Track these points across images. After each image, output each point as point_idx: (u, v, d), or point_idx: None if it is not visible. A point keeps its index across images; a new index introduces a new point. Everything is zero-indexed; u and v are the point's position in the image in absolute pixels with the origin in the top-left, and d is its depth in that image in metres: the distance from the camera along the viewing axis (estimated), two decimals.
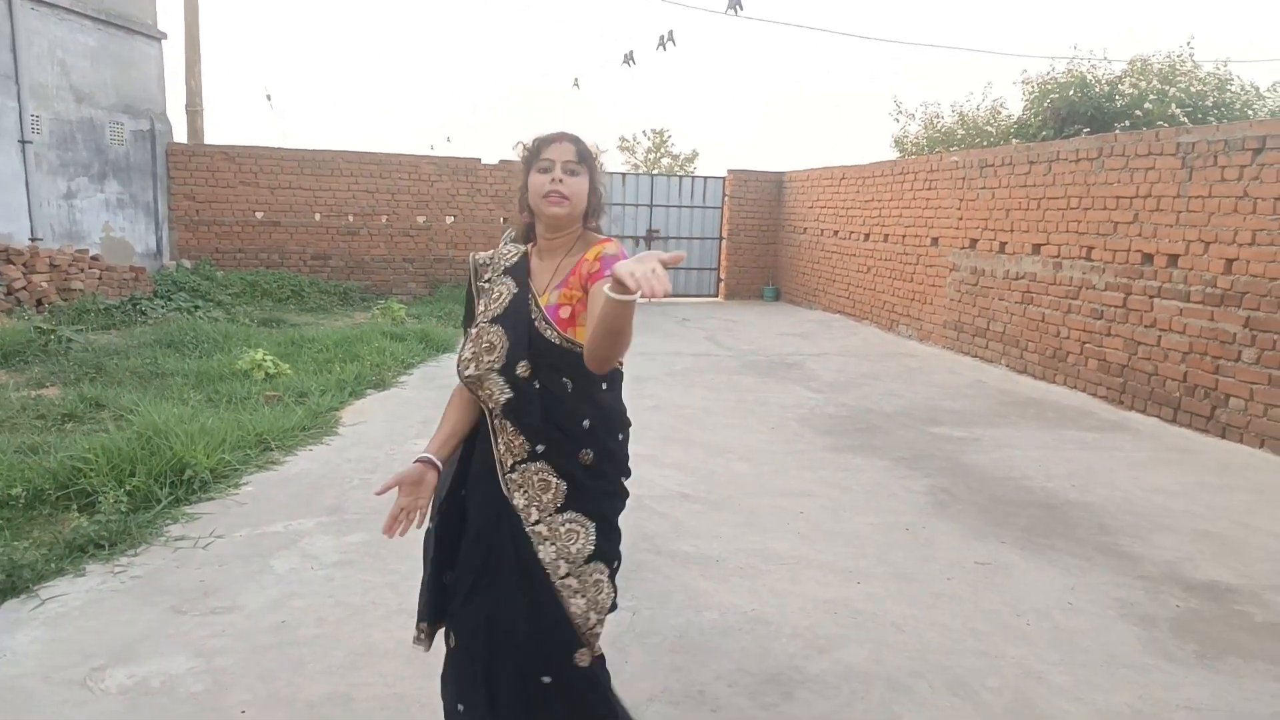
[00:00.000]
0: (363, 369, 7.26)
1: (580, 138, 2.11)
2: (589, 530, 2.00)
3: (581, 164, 2.08)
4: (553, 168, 2.06)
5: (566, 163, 2.06)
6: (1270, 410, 5.83)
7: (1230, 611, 3.43)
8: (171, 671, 2.78)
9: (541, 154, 2.09)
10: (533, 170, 2.09)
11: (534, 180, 2.08)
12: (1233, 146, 6.21)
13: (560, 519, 1.98)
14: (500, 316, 2.05)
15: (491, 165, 13.53)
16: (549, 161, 2.07)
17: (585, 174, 2.08)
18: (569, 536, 1.98)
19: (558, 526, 1.98)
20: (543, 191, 2.05)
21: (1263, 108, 14.50)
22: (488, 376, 2.00)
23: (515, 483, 1.99)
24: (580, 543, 1.99)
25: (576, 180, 2.06)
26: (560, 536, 1.98)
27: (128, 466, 4.31)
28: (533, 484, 1.99)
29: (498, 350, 2.01)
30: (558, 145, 2.08)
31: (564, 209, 2.05)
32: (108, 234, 11.31)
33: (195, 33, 13.53)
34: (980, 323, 9.22)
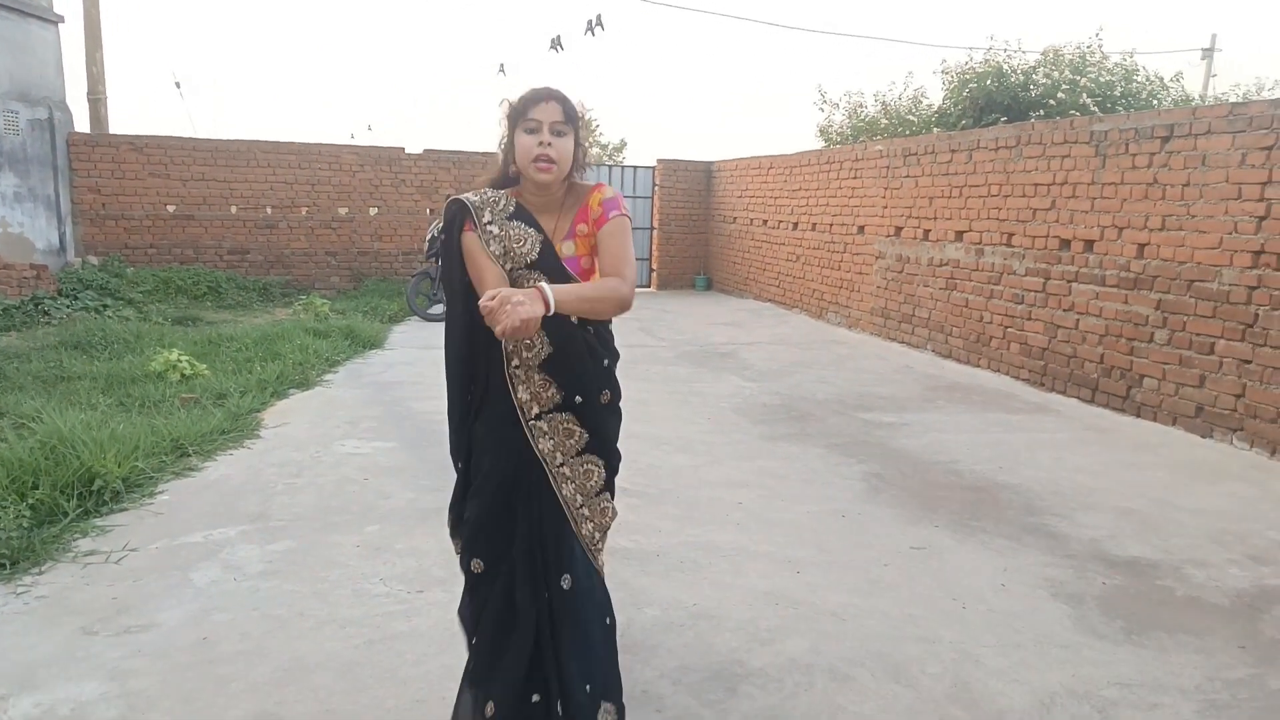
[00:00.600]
0: (285, 368, 7.00)
1: (567, 96, 2.14)
2: (601, 469, 2.27)
3: (568, 124, 2.11)
4: (540, 129, 2.08)
5: (554, 123, 2.09)
6: (1181, 389, 6.08)
7: (1153, 587, 3.55)
8: (82, 698, 2.61)
9: (528, 113, 2.10)
10: (519, 130, 2.11)
11: (521, 141, 2.11)
12: (1143, 135, 6.43)
13: (580, 460, 2.23)
14: (537, 262, 2.13)
15: (416, 155, 13.21)
16: (536, 122, 2.09)
17: (571, 134, 2.12)
18: (586, 475, 2.24)
19: (578, 467, 2.23)
20: (531, 155, 2.09)
21: (1167, 97, 15.13)
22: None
23: (541, 430, 2.18)
24: (595, 479, 2.26)
25: (563, 141, 2.10)
26: (580, 475, 2.23)
27: (30, 478, 4.05)
28: (558, 431, 2.20)
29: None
30: (545, 105, 2.09)
31: (552, 174, 2.10)
32: (4, 230, 10.67)
33: (95, 16, 12.83)
34: (906, 309, 9.40)
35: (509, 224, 2.13)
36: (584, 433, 2.23)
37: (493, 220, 2.13)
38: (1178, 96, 15.44)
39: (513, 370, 2.16)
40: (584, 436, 2.23)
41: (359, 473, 4.77)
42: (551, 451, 2.19)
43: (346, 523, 4.05)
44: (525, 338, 2.01)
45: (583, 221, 2.18)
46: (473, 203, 2.15)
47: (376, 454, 5.12)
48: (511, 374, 2.16)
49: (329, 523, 4.04)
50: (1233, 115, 5.79)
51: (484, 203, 2.15)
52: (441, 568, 3.56)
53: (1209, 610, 3.35)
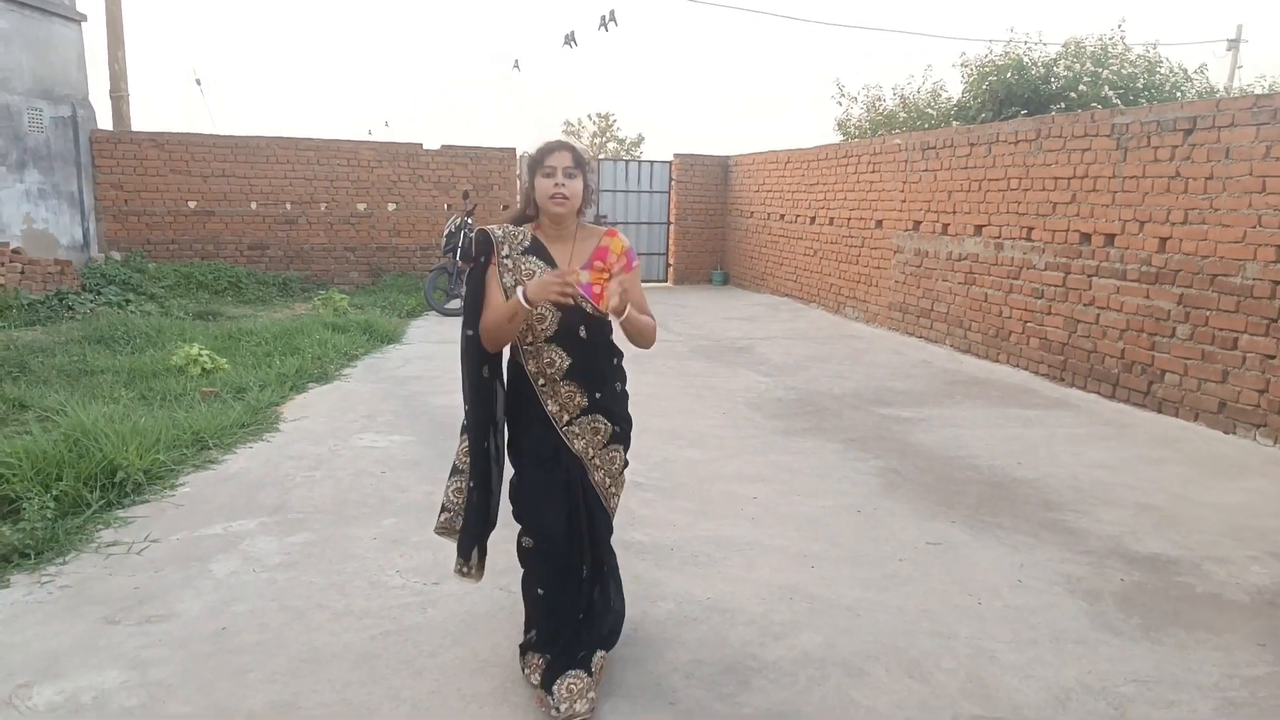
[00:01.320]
0: (304, 362, 7.06)
1: (576, 146, 2.56)
2: (622, 452, 2.73)
3: (578, 168, 2.52)
4: (555, 174, 2.49)
5: (566, 168, 2.49)
6: (1203, 385, 6.01)
7: (1172, 583, 3.51)
8: (104, 686, 2.65)
9: (545, 162, 2.50)
10: (537, 175, 2.51)
11: (540, 184, 2.51)
12: (1165, 127, 6.35)
13: (607, 451, 2.67)
14: None
15: (433, 150, 13.26)
16: (551, 168, 2.49)
17: (580, 176, 2.53)
18: (611, 461, 2.69)
19: (606, 456, 2.67)
20: (549, 194, 2.49)
21: (1190, 89, 14.93)
22: (545, 348, 2.54)
23: (574, 433, 2.61)
24: (618, 462, 2.72)
25: (574, 182, 2.51)
26: (607, 462, 2.68)
27: (54, 470, 4.11)
28: (588, 431, 2.62)
29: (549, 320, 2.52)
30: (558, 154, 2.50)
31: (565, 208, 2.51)
32: (29, 226, 10.81)
33: (117, 14, 12.96)
34: (924, 304, 9.34)
35: (522, 258, 2.54)
36: (609, 426, 2.65)
37: (509, 254, 2.55)
38: (1202, 88, 15.23)
39: (540, 389, 2.57)
40: (610, 430, 2.65)
41: (376, 466, 4.80)
42: (584, 449, 2.62)
43: (364, 515, 4.09)
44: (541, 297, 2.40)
45: (600, 259, 2.59)
46: (497, 237, 2.57)
47: (393, 448, 5.15)
48: (540, 391, 2.57)
49: (346, 515, 4.08)
50: (1257, 107, 5.70)
51: (505, 237, 2.57)
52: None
53: (1229, 607, 3.31)
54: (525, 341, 2.55)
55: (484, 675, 2.75)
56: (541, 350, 2.54)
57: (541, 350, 2.54)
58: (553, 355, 2.54)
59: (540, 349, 2.54)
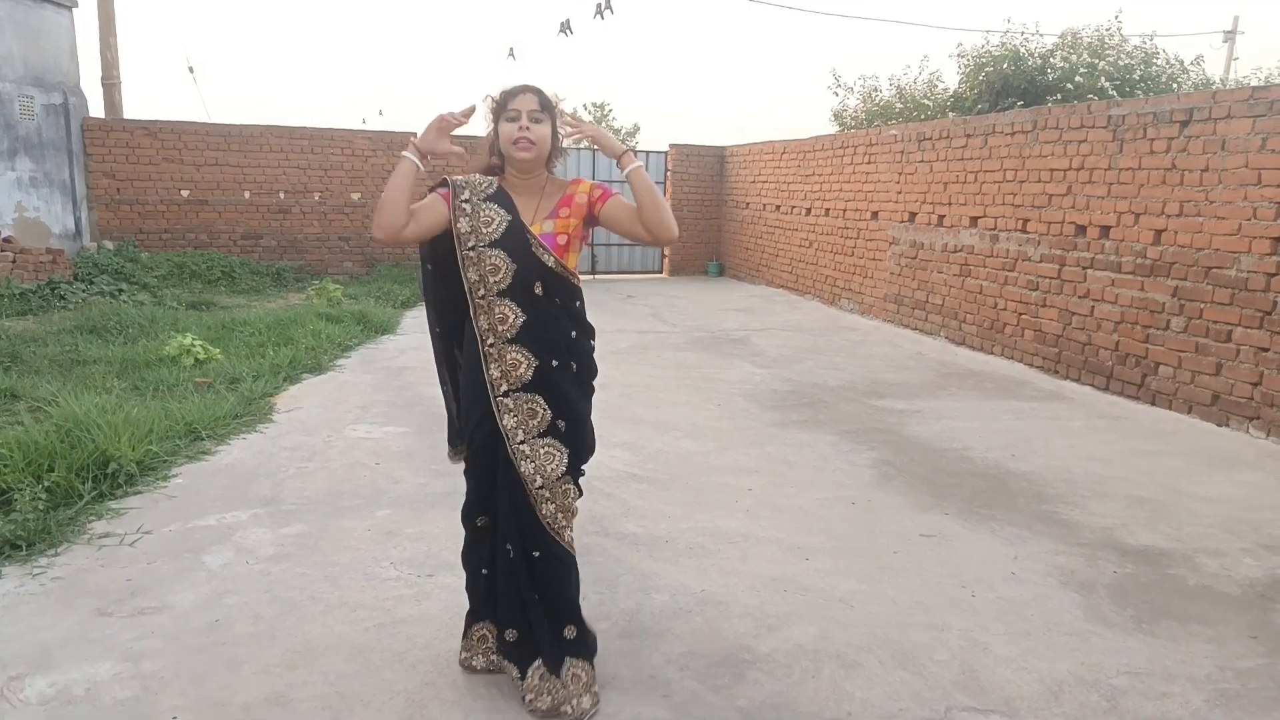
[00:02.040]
0: (298, 352, 7.04)
1: (541, 88, 2.38)
2: (564, 455, 2.41)
3: (544, 112, 2.35)
4: (519, 117, 2.33)
5: (531, 111, 2.34)
6: (1197, 377, 6.02)
7: (1164, 576, 3.52)
8: (96, 678, 2.64)
9: (508, 105, 2.35)
10: (501, 120, 2.36)
11: (503, 129, 2.35)
12: (1161, 119, 6.35)
13: (540, 442, 2.38)
14: (499, 241, 2.35)
15: None
16: (515, 111, 2.34)
17: (547, 120, 2.36)
18: (547, 458, 2.38)
19: (538, 448, 2.37)
20: (512, 139, 2.33)
21: (1187, 81, 14.92)
22: (498, 302, 2.33)
23: (506, 406, 2.36)
24: (555, 464, 2.39)
25: (540, 127, 2.35)
26: (540, 457, 2.37)
27: (46, 461, 4.09)
28: (523, 410, 2.36)
29: (502, 272, 2.33)
30: (522, 96, 2.34)
31: (531, 153, 2.35)
32: (21, 215, 10.74)
33: (109, 2, 12.85)
34: (920, 295, 9.34)
35: (483, 204, 2.37)
36: (548, 414, 2.39)
37: (469, 199, 2.38)
38: (1198, 80, 15.22)
39: (486, 349, 2.36)
40: (547, 418, 2.39)
41: (370, 457, 4.79)
42: (514, 429, 2.37)
43: (357, 507, 4.08)
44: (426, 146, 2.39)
45: (566, 207, 2.42)
46: (456, 181, 2.41)
47: (387, 439, 5.14)
48: (485, 352, 2.36)
49: (340, 507, 4.07)
50: (1254, 99, 5.70)
51: (467, 183, 2.41)
52: (451, 552, 3.57)
53: (1221, 599, 3.33)
54: (478, 294, 2.34)
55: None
56: (494, 304, 2.34)
57: (494, 304, 2.34)
58: (505, 311, 2.34)
59: (492, 303, 2.34)
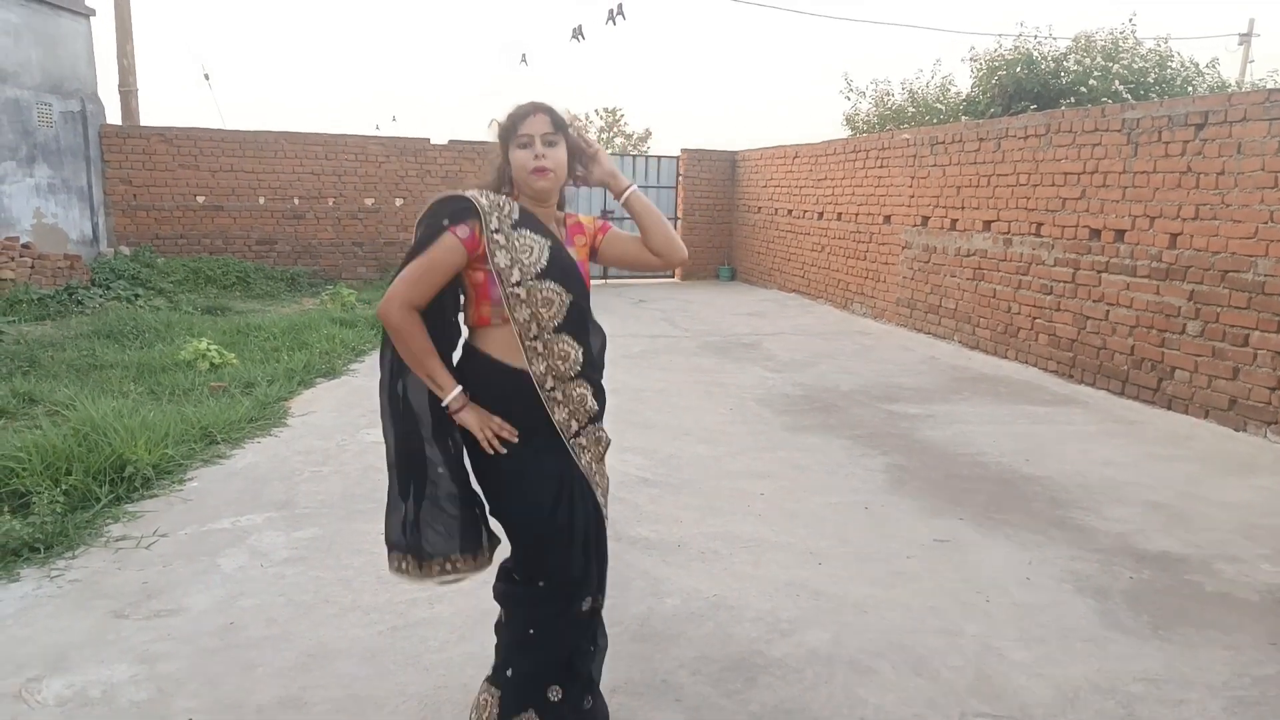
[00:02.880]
0: (312, 357, 7.08)
1: (552, 107, 2.15)
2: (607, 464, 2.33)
3: (558, 133, 2.13)
4: (532, 143, 2.10)
5: (545, 135, 2.11)
6: (1214, 382, 5.97)
7: (1181, 582, 3.49)
8: (112, 680, 2.67)
9: (519, 130, 2.11)
10: (512, 147, 2.12)
11: (517, 157, 2.11)
12: (1176, 122, 6.31)
13: (603, 465, 2.30)
14: (546, 271, 2.08)
15: (441, 145, 13.26)
16: (527, 137, 2.10)
17: (562, 142, 2.14)
18: (602, 473, 2.29)
19: (602, 472, 2.28)
20: (529, 168, 2.09)
21: (1202, 84, 14.82)
22: (556, 339, 2.10)
23: (582, 445, 2.19)
24: (607, 476, 2.33)
25: (556, 151, 2.12)
26: (604, 481, 2.29)
27: (63, 464, 4.12)
28: (592, 441, 2.23)
29: (555, 305, 2.09)
30: (533, 119, 2.11)
31: (549, 181, 2.12)
32: (39, 221, 10.85)
33: (126, 9, 12.98)
34: (933, 300, 9.31)
35: (515, 233, 2.07)
36: (607, 436, 2.30)
37: (499, 229, 2.05)
38: (1213, 83, 15.11)
39: (548, 394, 2.11)
40: (607, 441, 2.30)
41: (383, 461, 4.79)
42: (589, 464, 2.21)
43: (371, 510, 4.09)
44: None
45: (580, 234, 2.26)
46: (483, 206, 2.05)
47: None
48: (548, 398, 2.11)
49: (354, 510, 4.09)
50: (1269, 102, 5.65)
51: (492, 207, 2.07)
52: None
53: (1238, 606, 3.29)
54: (529, 335, 2.07)
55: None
56: (551, 344, 2.08)
57: (551, 344, 2.08)
58: (565, 348, 2.10)
59: (550, 343, 2.08)
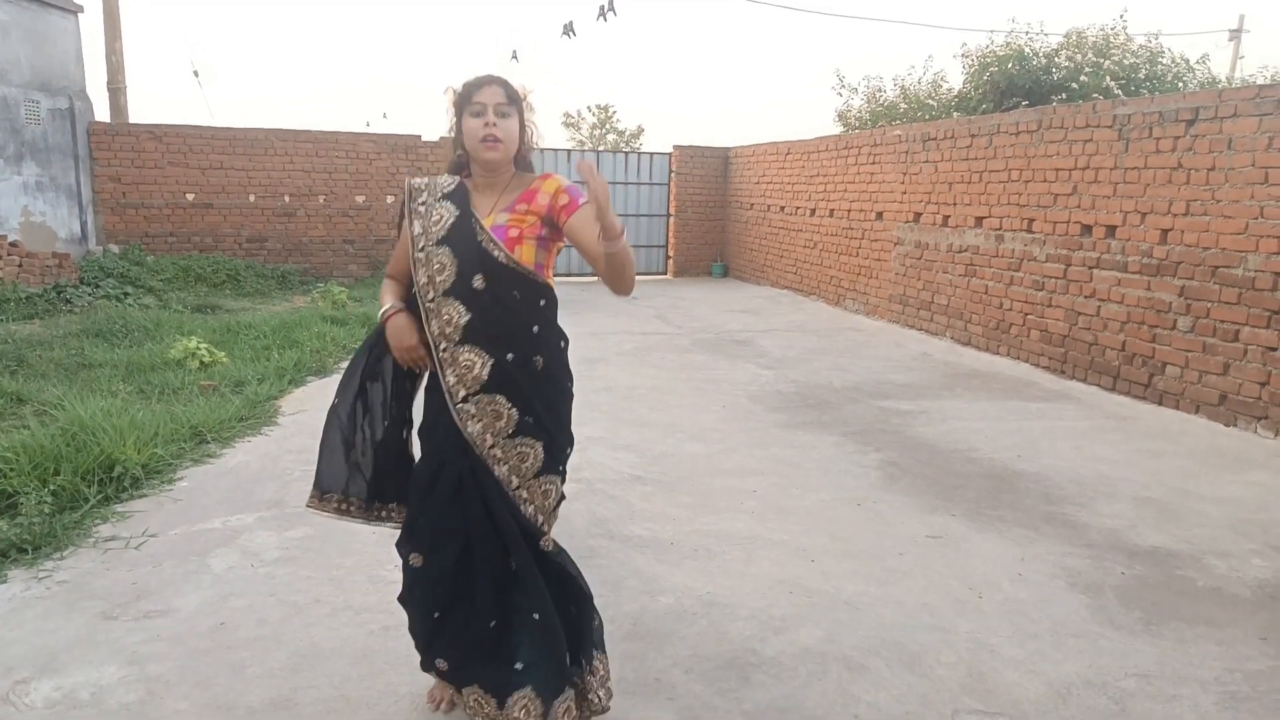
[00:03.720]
0: (303, 355, 7.04)
1: (508, 79, 2.21)
2: (537, 450, 2.23)
3: (511, 105, 2.19)
4: (484, 111, 2.16)
5: (498, 105, 2.17)
6: (1204, 377, 5.99)
7: (1173, 577, 3.50)
8: (101, 681, 2.64)
9: (472, 98, 2.18)
10: (465, 114, 2.19)
11: (468, 124, 2.18)
12: (1167, 118, 6.32)
13: (512, 442, 2.20)
14: (445, 238, 2.18)
15: (432, 142, 13.21)
16: (480, 105, 2.17)
17: (515, 115, 2.20)
18: (520, 458, 2.21)
19: (510, 450, 2.20)
20: (479, 136, 2.16)
21: (1193, 80, 14.87)
22: (444, 302, 2.16)
23: (469, 413, 2.18)
24: (530, 461, 2.22)
25: (508, 122, 2.18)
26: (513, 458, 2.21)
27: (51, 464, 4.09)
28: (486, 413, 2.18)
29: (447, 270, 2.16)
30: (488, 89, 2.17)
31: (498, 152, 2.18)
32: (27, 219, 10.78)
33: (114, 6, 12.88)
34: (925, 296, 9.32)
35: (438, 204, 2.22)
36: (515, 412, 2.19)
37: (426, 201, 2.24)
38: (1204, 79, 15.16)
39: (440, 355, 2.19)
40: (514, 417, 2.19)
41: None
42: (480, 434, 2.19)
43: None
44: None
45: (525, 201, 2.21)
46: (413, 185, 2.29)
47: None
48: (440, 359, 2.19)
49: None
50: (1260, 98, 5.67)
51: (427, 185, 2.27)
52: None
53: (1230, 601, 3.30)
54: (427, 298, 2.18)
55: None
56: (441, 306, 2.16)
57: (441, 306, 2.16)
58: (451, 311, 2.16)
59: (440, 304, 2.16)
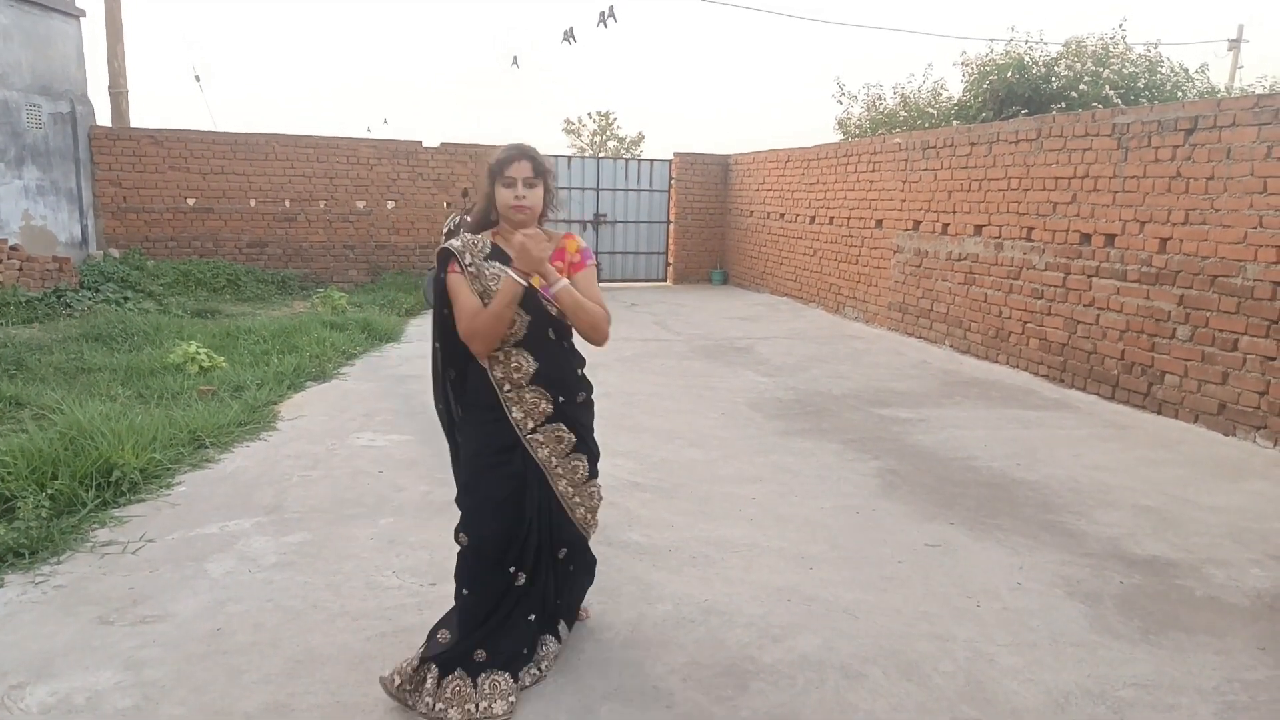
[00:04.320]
0: (302, 360, 7.04)
1: (535, 153, 2.62)
2: (584, 462, 2.76)
3: (538, 177, 2.60)
4: (515, 184, 2.57)
5: (526, 179, 2.57)
6: (1203, 386, 5.99)
7: (1171, 586, 3.50)
8: (97, 686, 2.64)
9: (504, 172, 2.58)
10: (498, 185, 2.60)
11: (500, 194, 2.60)
12: (1166, 127, 6.34)
13: (569, 460, 2.71)
14: None
15: (433, 148, 13.23)
16: (511, 179, 2.57)
17: (540, 185, 2.61)
18: (573, 470, 2.73)
19: (567, 465, 2.71)
20: (509, 204, 2.58)
21: (1192, 89, 14.90)
22: (515, 352, 2.59)
23: (539, 441, 2.65)
24: (581, 472, 2.76)
25: (534, 191, 2.60)
26: (569, 471, 2.72)
27: (49, 469, 4.09)
28: (551, 439, 2.67)
29: (517, 324, 2.57)
30: (518, 164, 2.57)
31: (526, 217, 2.60)
32: (27, 223, 10.78)
33: (116, 10, 12.93)
34: (924, 304, 9.32)
35: (485, 265, 2.59)
36: (571, 436, 2.70)
37: (472, 262, 2.59)
38: (1203, 88, 15.20)
39: (505, 395, 2.61)
40: (571, 440, 2.70)
41: (374, 465, 4.78)
42: (548, 457, 2.67)
43: (361, 515, 4.07)
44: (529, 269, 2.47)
45: (558, 260, 2.63)
46: (457, 249, 2.61)
47: (391, 447, 5.13)
48: (505, 399, 2.61)
49: (343, 515, 4.06)
50: (1259, 107, 5.68)
51: (465, 247, 2.61)
52: (454, 560, 3.57)
53: (1229, 610, 3.30)
54: (494, 349, 2.58)
55: None
56: (510, 355, 2.59)
57: (510, 355, 2.59)
58: (520, 360, 2.60)
59: (509, 354, 2.59)
